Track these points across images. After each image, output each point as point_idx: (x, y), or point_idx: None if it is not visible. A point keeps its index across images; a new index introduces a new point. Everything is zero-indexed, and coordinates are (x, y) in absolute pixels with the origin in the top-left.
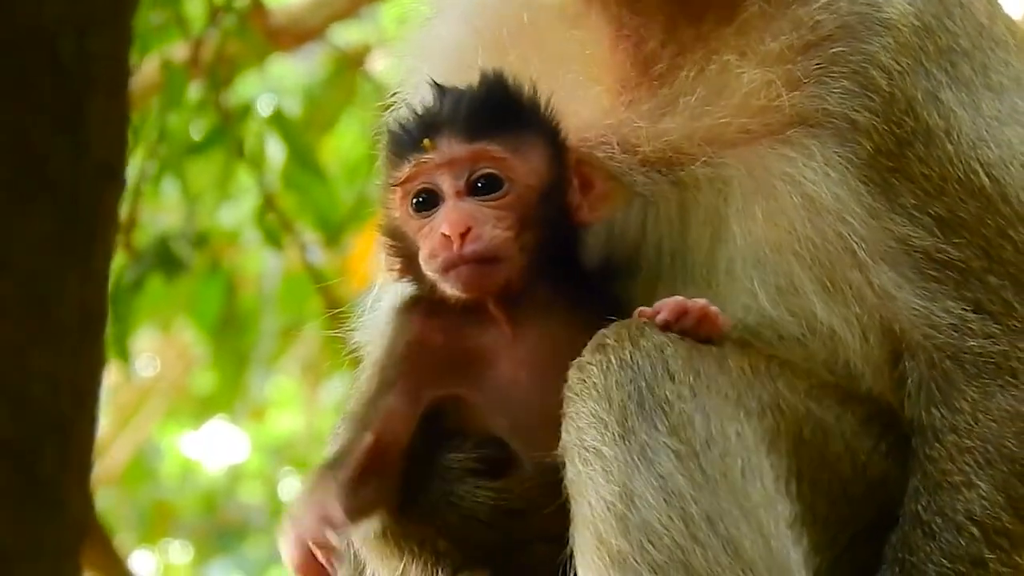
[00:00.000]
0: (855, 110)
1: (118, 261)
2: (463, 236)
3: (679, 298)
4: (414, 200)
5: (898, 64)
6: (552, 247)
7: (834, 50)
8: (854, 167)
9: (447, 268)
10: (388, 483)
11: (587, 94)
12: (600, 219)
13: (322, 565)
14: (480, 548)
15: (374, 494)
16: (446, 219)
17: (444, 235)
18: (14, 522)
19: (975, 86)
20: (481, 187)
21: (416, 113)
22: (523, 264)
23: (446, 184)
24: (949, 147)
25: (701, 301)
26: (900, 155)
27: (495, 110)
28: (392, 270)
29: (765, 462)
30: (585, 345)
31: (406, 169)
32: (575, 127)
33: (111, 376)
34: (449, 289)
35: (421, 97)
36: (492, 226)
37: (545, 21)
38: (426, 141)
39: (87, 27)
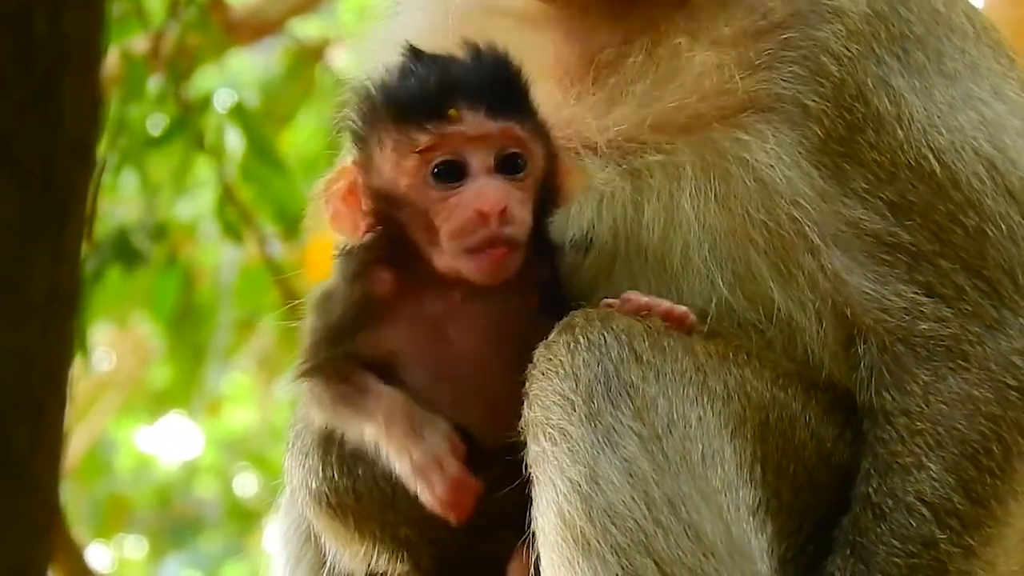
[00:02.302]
0: (806, 95)
1: None
2: (501, 216)
3: (645, 299)
4: (435, 170)
5: (848, 51)
6: (539, 232)
7: (785, 36)
8: (806, 151)
9: (479, 248)
10: None
11: (539, 92)
12: (566, 203)
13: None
14: (441, 534)
15: None
16: (483, 195)
17: (481, 212)
18: None
19: (928, 72)
20: (506, 166)
21: (426, 76)
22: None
23: (477, 159)
24: (900, 133)
25: (666, 303)
26: (851, 140)
27: (515, 88)
28: (356, 230)
29: (727, 447)
30: (534, 326)
31: (425, 137)
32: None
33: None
34: (466, 270)
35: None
36: (521, 208)
37: (499, 20)
38: (453, 111)
39: (61, 6)
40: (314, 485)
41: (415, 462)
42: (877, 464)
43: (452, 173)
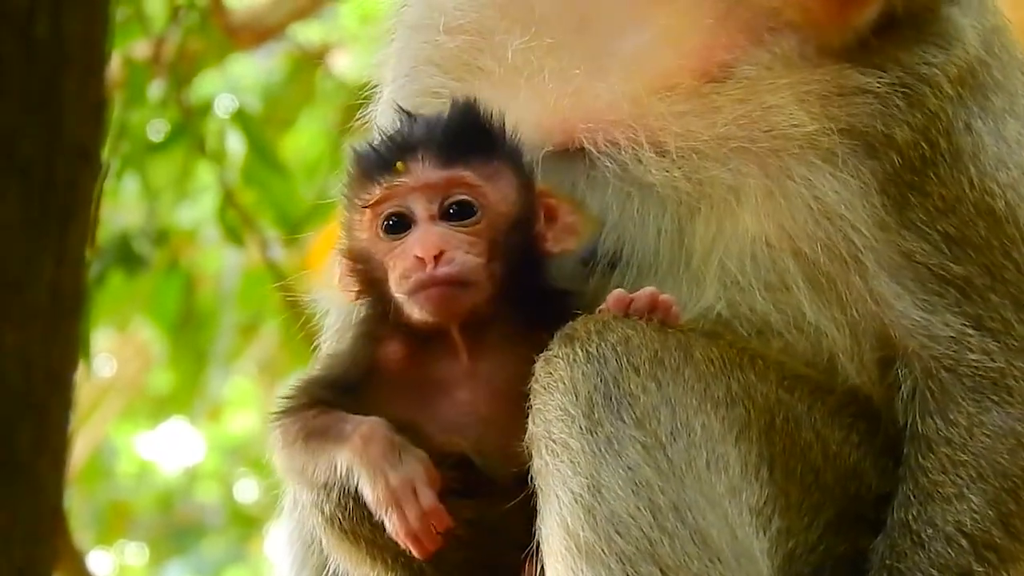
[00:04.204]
0: (898, 125)
1: None
2: (436, 259)
3: (620, 291)
4: (385, 223)
5: (948, 89)
6: (518, 276)
7: (893, 69)
8: (877, 180)
9: (418, 289)
10: None
11: (618, 80)
12: (565, 250)
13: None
14: (455, 562)
15: None
16: (419, 241)
17: (417, 257)
18: None
19: (1003, 113)
20: (454, 213)
21: (387, 136)
22: (490, 291)
23: (419, 208)
24: (971, 169)
25: (649, 290)
26: (923, 172)
27: (469, 137)
28: (350, 292)
29: (732, 451)
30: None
31: (377, 191)
32: (594, 110)
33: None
34: (417, 312)
35: (390, 121)
36: (464, 251)
37: (606, 5)
38: (399, 164)
39: (63, 8)
40: (327, 509)
41: (389, 486)
42: (918, 491)
43: (400, 224)
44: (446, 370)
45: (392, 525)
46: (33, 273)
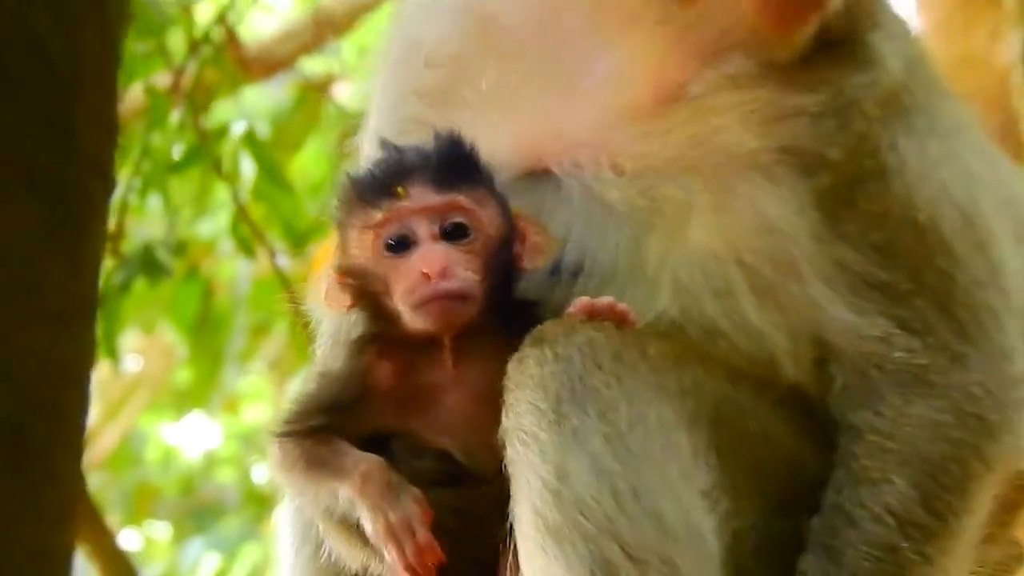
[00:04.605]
0: (830, 147)
1: (107, 266)
2: (441, 274)
3: (586, 298)
4: (387, 242)
5: (875, 112)
6: (500, 290)
7: (824, 94)
8: (812, 196)
9: (424, 302)
10: None
11: (582, 107)
12: (535, 266)
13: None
14: (441, 548)
15: None
16: (424, 258)
17: (423, 273)
18: (8, 493)
19: (925, 132)
20: (451, 234)
21: (383, 164)
22: (481, 304)
23: (421, 229)
24: (897, 185)
25: (606, 301)
26: (854, 189)
27: (458, 166)
28: (343, 306)
29: (684, 439)
30: None
31: (379, 214)
32: (560, 135)
33: (101, 371)
34: (421, 323)
35: (376, 149)
36: (463, 267)
37: (570, 31)
38: (400, 189)
39: (77, 27)
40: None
41: (388, 524)
42: (849, 476)
43: (402, 244)
44: (434, 377)
45: (391, 559)
46: (49, 279)
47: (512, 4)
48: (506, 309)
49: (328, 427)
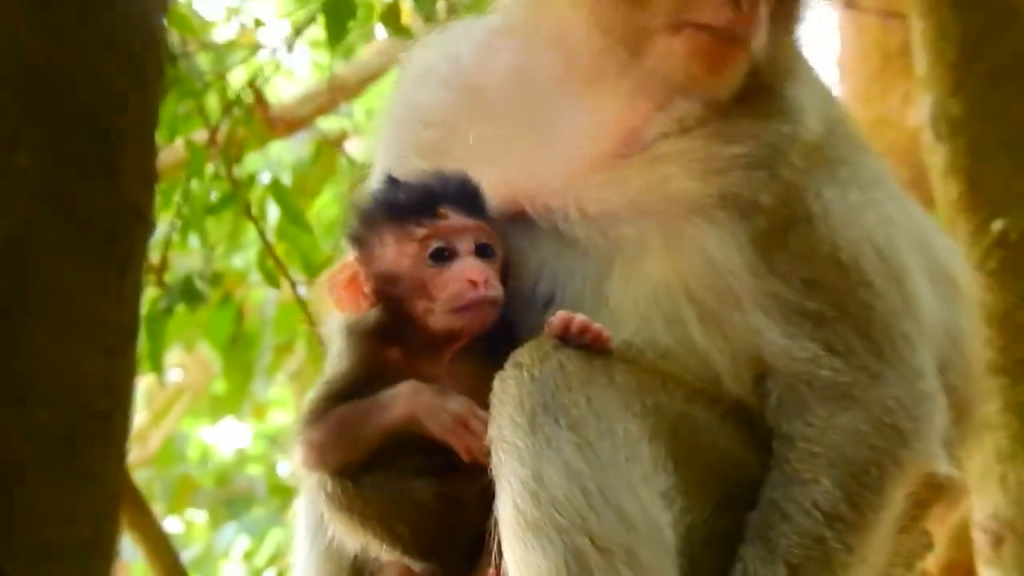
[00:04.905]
0: (762, 194)
1: (153, 294)
2: (485, 283)
3: (564, 312)
4: (431, 253)
5: (800, 164)
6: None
7: (755, 149)
8: (749, 237)
9: (470, 306)
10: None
11: (553, 159)
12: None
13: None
14: (431, 531)
15: None
16: (472, 269)
17: (471, 281)
18: (61, 491)
19: (846, 182)
20: (481, 251)
21: (419, 188)
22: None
23: (462, 244)
24: (822, 228)
25: (580, 317)
26: (785, 231)
27: (479, 199)
28: (362, 306)
29: (646, 449)
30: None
31: (422, 230)
32: (535, 183)
33: (148, 383)
34: (457, 323)
35: (412, 177)
36: (495, 280)
37: (542, 95)
38: (442, 210)
39: (121, 95)
40: (328, 489)
41: (452, 415)
42: (783, 477)
43: (444, 255)
44: (433, 369)
45: (462, 443)
46: (98, 312)
47: (494, 74)
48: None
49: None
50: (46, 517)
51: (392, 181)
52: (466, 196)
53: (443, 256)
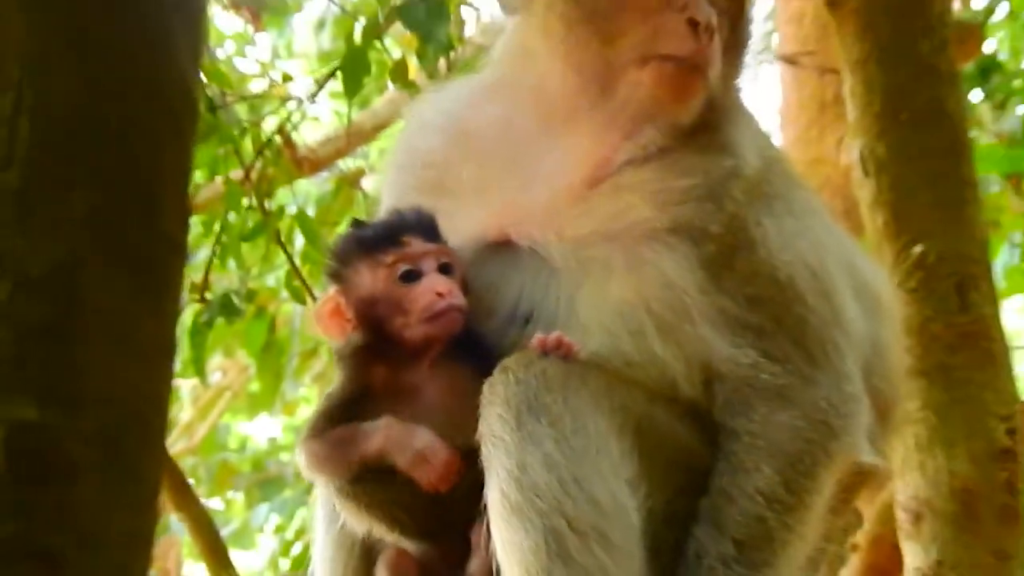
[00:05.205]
0: (711, 223)
1: (197, 309)
2: (451, 294)
3: (540, 334)
4: (400, 275)
5: (742, 197)
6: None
7: (704, 183)
8: (699, 260)
9: (440, 314)
10: None
11: (534, 193)
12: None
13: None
14: (426, 515)
15: None
16: (438, 283)
17: (439, 293)
18: (105, 487)
19: (782, 213)
20: (443, 269)
21: (384, 224)
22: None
23: (427, 264)
24: (762, 253)
25: (556, 333)
26: (731, 255)
27: (436, 227)
28: (346, 331)
29: (614, 444)
30: (474, 379)
31: (390, 257)
32: (517, 215)
33: (194, 384)
34: (432, 331)
35: (383, 214)
36: (458, 291)
37: (524, 137)
38: (405, 239)
39: (159, 144)
40: (336, 483)
41: (415, 453)
42: (729, 466)
43: (411, 276)
44: (415, 378)
45: (423, 476)
46: (140, 330)
47: (483, 122)
48: (460, 336)
49: (342, 422)
50: (97, 509)
51: (358, 223)
52: (424, 225)
53: (411, 276)
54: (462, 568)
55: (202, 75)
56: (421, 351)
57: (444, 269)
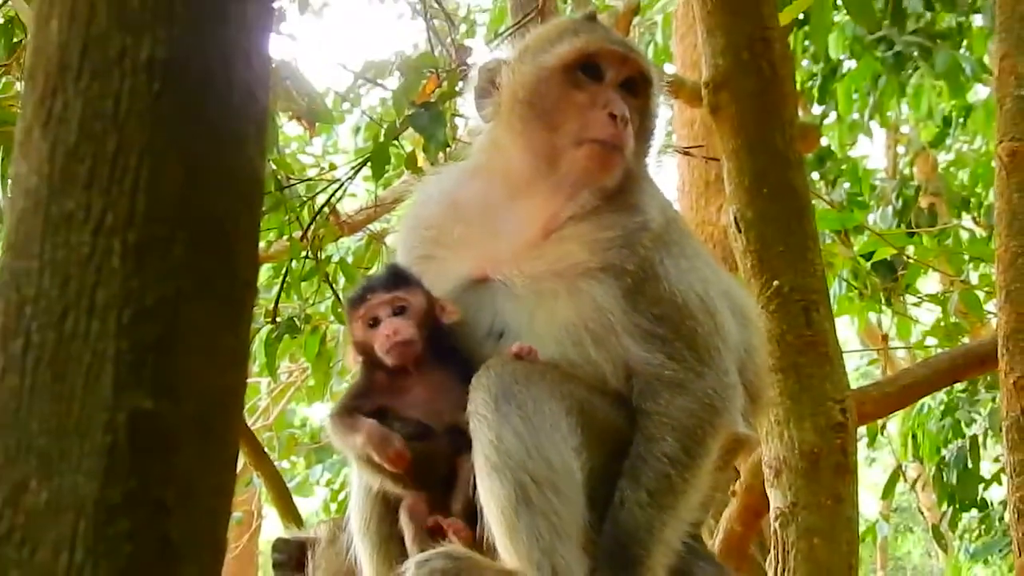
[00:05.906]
0: (628, 263)
1: (269, 329)
2: (394, 333)
3: (515, 345)
4: (367, 324)
5: (650, 244)
6: (433, 335)
7: (621, 234)
8: (621, 290)
9: (390, 349)
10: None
11: (505, 245)
12: (450, 321)
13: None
14: (416, 474)
15: None
16: (387, 327)
17: (386, 335)
18: (199, 456)
19: (678, 256)
20: (398, 312)
21: (361, 285)
22: (421, 344)
23: (383, 312)
24: (665, 284)
25: (524, 344)
26: (643, 286)
27: (398, 278)
28: (357, 360)
29: (564, 421)
30: (455, 379)
31: (360, 311)
32: (493, 261)
33: (268, 381)
34: (390, 361)
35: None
36: (407, 328)
37: (498, 208)
38: (368, 296)
39: (237, 211)
40: (356, 452)
41: (378, 443)
42: (643, 437)
43: (374, 322)
44: (406, 381)
45: (384, 460)
46: (222, 345)
47: (467, 195)
48: (443, 347)
49: (355, 408)
50: (193, 470)
51: (367, 278)
52: (387, 279)
53: (374, 323)
54: (447, 507)
55: (272, 164)
56: (398, 369)
57: (399, 311)
